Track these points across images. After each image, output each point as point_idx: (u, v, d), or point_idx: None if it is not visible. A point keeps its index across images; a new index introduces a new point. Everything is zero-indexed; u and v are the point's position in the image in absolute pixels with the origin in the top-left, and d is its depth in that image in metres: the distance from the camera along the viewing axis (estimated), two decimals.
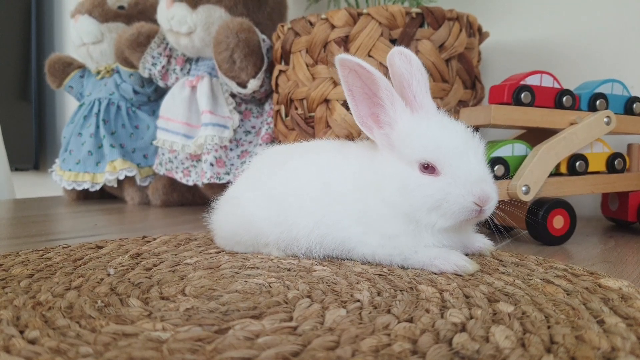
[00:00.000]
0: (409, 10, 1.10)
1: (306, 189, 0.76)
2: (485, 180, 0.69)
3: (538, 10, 1.39)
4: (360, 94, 0.74)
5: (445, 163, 0.68)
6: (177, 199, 1.66)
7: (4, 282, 0.64)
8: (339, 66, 0.73)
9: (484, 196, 0.67)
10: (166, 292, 0.59)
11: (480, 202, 0.68)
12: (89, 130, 1.78)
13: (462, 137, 0.71)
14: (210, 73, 1.54)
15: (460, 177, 0.68)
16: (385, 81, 0.72)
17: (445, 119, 0.73)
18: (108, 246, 0.87)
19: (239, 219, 0.81)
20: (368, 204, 0.73)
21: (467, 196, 0.67)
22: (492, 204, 0.69)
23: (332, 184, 0.76)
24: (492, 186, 0.70)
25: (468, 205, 0.68)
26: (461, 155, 0.69)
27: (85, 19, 1.80)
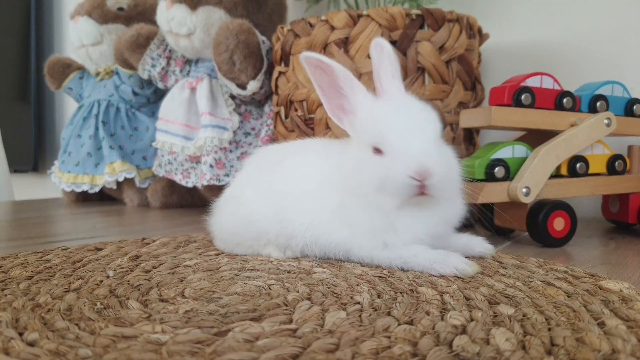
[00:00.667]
0: (408, 11, 1.10)
1: (301, 187, 0.78)
2: (426, 155, 0.67)
3: (538, 11, 1.39)
4: (328, 88, 0.76)
5: (388, 142, 0.69)
6: (177, 200, 1.66)
7: (3, 284, 0.64)
8: (305, 64, 0.75)
9: (422, 170, 0.66)
10: (165, 294, 0.59)
11: (418, 176, 0.66)
12: (88, 132, 1.78)
13: (407, 116, 0.71)
14: (210, 74, 1.54)
15: (399, 154, 0.68)
16: (344, 71, 0.74)
17: (402, 101, 0.74)
18: (107, 248, 0.87)
19: (239, 218, 0.81)
20: (343, 199, 0.74)
21: (405, 171, 0.66)
22: (434, 178, 0.66)
23: (305, 183, 0.78)
24: (435, 161, 0.67)
25: (407, 180, 0.66)
26: (403, 133, 0.69)
27: (84, 20, 1.80)
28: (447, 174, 0.69)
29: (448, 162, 0.71)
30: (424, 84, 1.10)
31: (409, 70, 1.09)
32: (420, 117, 0.71)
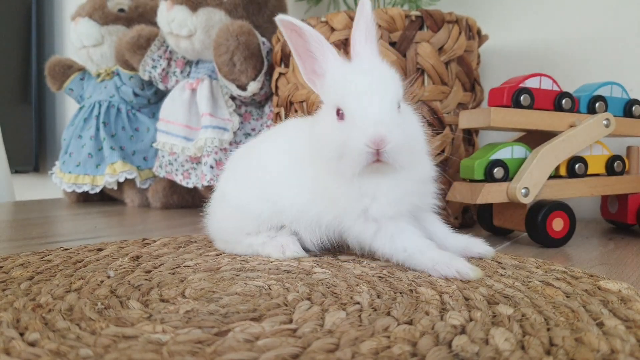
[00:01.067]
0: (408, 13, 1.10)
1: (275, 167, 0.81)
2: (381, 122, 0.66)
3: (537, 13, 1.40)
4: (303, 52, 0.77)
5: (348, 107, 0.69)
6: (177, 201, 1.66)
7: (4, 285, 0.64)
8: (282, 28, 0.76)
9: (377, 137, 0.65)
10: (166, 295, 0.59)
11: (373, 144, 0.65)
12: (89, 133, 1.78)
13: (367, 81, 0.70)
14: (210, 75, 1.55)
15: (356, 120, 0.68)
16: (314, 34, 0.75)
17: (367, 65, 0.74)
18: (108, 248, 0.87)
19: (230, 210, 0.83)
20: (316, 171, 0.75)
21: (361, 138, 0.66)
22: (389, 146, 0.66)
23: (278, 162, 0.80)
24: (390, 128, 0.66)
25: (362, 147, 0.66)
26: (362, 98, 0.69)
27: (85, 21, 1.80)
28: (405, 141, 0.68)
29: (407, 129, 0.70)
30: (423, 85, 1.11)
31: (409, 71, 1.10)
32: (381, 81, 0.70)
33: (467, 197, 0.96)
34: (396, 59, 1.08)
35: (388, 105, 0.69)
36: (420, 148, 0.74)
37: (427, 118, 1.10)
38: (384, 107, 0.68)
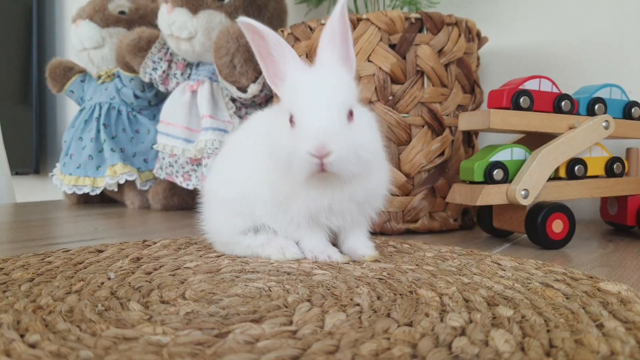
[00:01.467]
0: (408, 15, 1.10)
1: (237, 160, 0.84)
2: (325, 132, 0.66)
3: (536, 15, 1.40)
4: (266, 55, 0.77)
5: (297, 115, 0.70)
6: (177, 203, 1.67)
7: (5, 286, 0.64)
8: (245, 30, 0.76)
9: (320, 147, 0.65)
10: (166, 296, 0.59)
11: (316, 153, 0.66)
12: (89, 135, 1.79)
13: (319, 90, 0.70)
14: (211, 77, 1.55)
15: (303, 129, 0.68)
16: (275, 38, 0.75)
17: (322, 71, 0.74)
18: (108, 250, 0.87)
19: (219, 210, 0.85)
20: (268, 170, 0.77)
21: (305, 147, 0.66)
22: (332, 156, 0.66)
23: (238, 156, 0.84)
24: (334, 138, 0.66)
25: (306, 157, 0.66)
26: (310, 107, 0.69)
27: (86, 24, 1.81)
28: (352, 151, 0.68)
29: (357, 138, 0.69)
30: (423, 87, 1.11)
31: (408, 73, 1.10)
32: (330, 90, 0.70)
33: (466, 199, 0.96)
34: (396, 61, 1.09)
35: (335, 114, 0.68)
36: (373, 157, 0.73)
37: (427, 120, 1.10)
38: (330, 117, 0.68)
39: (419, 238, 1.06)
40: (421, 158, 1.10)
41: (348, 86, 0.72)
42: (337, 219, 0.76)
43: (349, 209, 0.75)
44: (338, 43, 0.75)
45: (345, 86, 0.72)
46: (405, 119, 1.10)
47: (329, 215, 0.75)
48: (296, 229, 0.79)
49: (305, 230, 0.79)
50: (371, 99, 1.09)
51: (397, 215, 1.12)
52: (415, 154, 1.10)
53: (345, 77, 0.74)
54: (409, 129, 1.10)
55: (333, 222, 0.77)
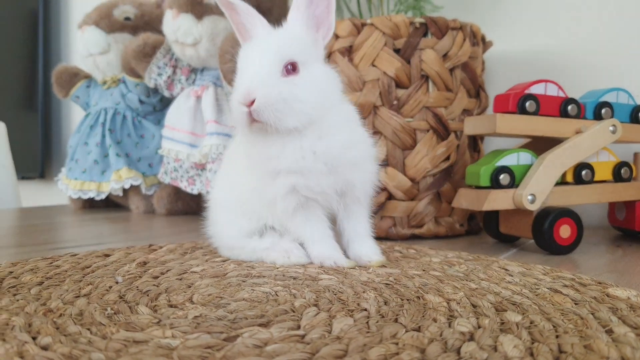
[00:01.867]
0: (412, 20, 1.11)
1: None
2: (251, 81, 0.69)
3: (542, 19, 1.40)
4: (242, 28, 0.80)
5: (238, 70, 0.74)
6: (182, 207, 1.67)
7: (15, 289, 0.64)
8: (222, 7, 0.79)
9: (244, 94, 0.68)
10: (174, 300, 0.59)
11: (242, 102, 0.68)
12: (95, 140, 1.79)
13: (258, 45, 0.73)
14: (215, 83, 1.56)
15: (237, 81, 0.72)
16: (243, 5, 0.78)
17: (276, 30, 0.77)
18: (115, 254, 0.88)
19: (224, 212, 0.85)
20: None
21: (235, 97, 0.70)
22: (255, 104, 0.68)
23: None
24: (259, 86, 0.68)
25: (236, 106, 0.69)
26: (246, 62, 0.72)
27: (92, 30, 1.82)
28: (280, 100, 0.69)
29: (290, 89, 0.70)
30: (427, 92, 1.11)
31: (413, 77, 1.10)
32: (266, 45, 0.73)
33: (472, 204, 0.96)
34: (400, 65, 1.09)
35: (266, 66, 0.70)
36: (310, 109, 0.72)
37: (432, 124, 1.10)
38: (261, 67, 0.70)
39: (425, 243, 1.06)
40: (426, 163, 1.10)
41: (293, 40, 0.74)
42: (314, 183, 0.74)
43: (318, 169, 0.73)
44: (302, 5, 0.76)
45: (288, 40, 0.74)
46: (410, 124, 1.10)
47: (305, 180, 0.73)
48: (291, 220, 0.78)
49: (301, 220, 0.77)
50: (375, 104, 1.10)
51: (402, 220, 1.11)
52: (421, 159, 1.10)
53: (296, 32, 0.75)
54: (413, 133, 1.10)
55: (314, 191, 0.74)
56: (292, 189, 0.74)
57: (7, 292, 0.63)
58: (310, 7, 0.76)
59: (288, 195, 0.75)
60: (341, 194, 0.77)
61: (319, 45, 0.78)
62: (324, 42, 0.79)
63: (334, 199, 0.77)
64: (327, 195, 0.76)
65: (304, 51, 0.74)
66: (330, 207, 0.78)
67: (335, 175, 0.75)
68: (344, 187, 0.76)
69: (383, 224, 1.11)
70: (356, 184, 0.77)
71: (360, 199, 0.80)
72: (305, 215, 0.77)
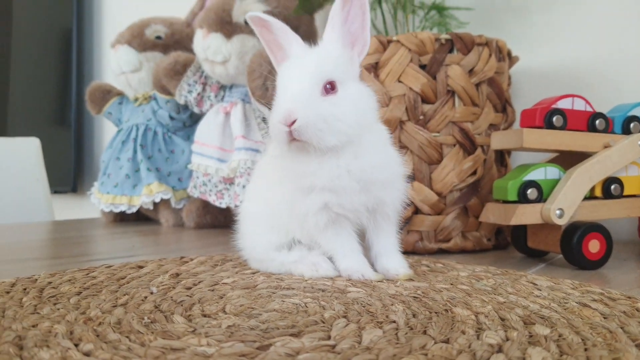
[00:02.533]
0: (438, 36, 1.12)
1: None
2: (291, 101, 0.70)
3: (567, 34, 1.40)
4: (274, 45, 0.81)
5: (278, 89, 0.74)
6: (210, 221, 1.70)
7: (55, 299, 0.67)
8: (253, 25, 0.81)
9: (285, 114, 0.69)
10: (207, 310, 0.61)
11: (283, 121, 0.69)
12: (126, 155, 1.85)
13: (297, 63, 0.74)
14: (244, 99, 1.59)
15: (277, 101, 0.73)
16: (280, 25, 0.79)
17: (315, 48, 0.78)
18: (148, 266, 0.90)
19: (254, 225, 0.87)
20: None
21: (275, 117, 0.71)
22: (297, 124, 0.69)
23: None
24: (300, 105, 0.69)
25: (277, 126, 0.70)
26: (286, 80, 0.73)
27: (124, 48, 1.88)
28: (321, 119, 0.70)
29: (330, 109, 0.72)
30: (454, 107, 1.12)
31: (439, 93, 1.11)
32: (307, 63, 0.74)
33: (500, 218, 0.96)
34: (426, 81, 1.10)
35: (306, 85, 0.72)
36: (349, 128, 0.73)
37: (459, 139, 1.11)
38: (301, 86, 0.71)
39: (452, 258, 1.06)
40: (453, 177, 1.11)
41: (331, 59, 0.75)
42: (347, 201, 0.75)
43: (352, 187, 0.75)
44: (338, 24, 0.78)
45: (326, 59, 0.75)
46: (437, 138, 1.11)
47: (338, 198, 0.75)
48: (322, 234, 0.79)
49: (331, 234, 0.79)
50: (402, 119, 1.11)
51: (429, 234, 1.12)
52: (447, 173, 1.11)
53: (333, 51, 0.77)
54: (440, 148, 1.11)
55: (346, 209, 0.76)
56: (325, 206, 0.76)
57: (47, 302, 0.66)
58: (346, 24, 0.78)
59: (320, 211, 0.76)
60: (372, 211, 0.79)
61: (355, 62, 0.79)
62: (360, 59, 0.80)
63: (364, 215, 0.78)
64: (358, 212, 0.77)
65: (342, 70, 0.76)
66: (360, 222, 0.80)
67: (367, 193, 0.76)
68: (375, 204, 0.78)
69: (410, 238, 1.11)
70: (387, 202, 0.79)
71: (389, 216, 0.81)
72: (336, 230, 0.79)
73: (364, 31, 0.79)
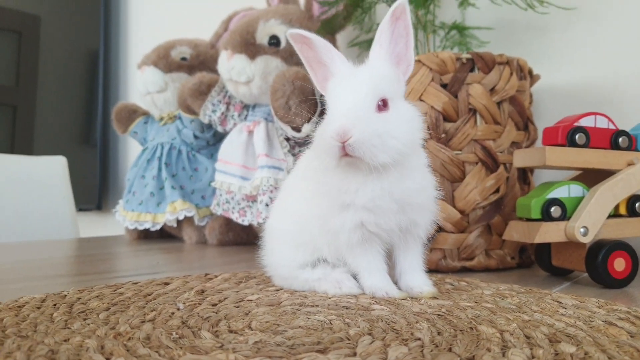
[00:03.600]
0: (459, 56, 1.13)
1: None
2: (347, 116, 0.70)
3: (588, 51, 1.40)
4: (314, 62, 0.82)
5: (329, 104, 0.75)
6: (233, 238, 1.72)
7: (85, 315, 0.69)
8: (292, 42, 0.81)
9: (340, 130, 0.69)
10: (234, 326, 0.62)
11: (337, 136, 0.69)
12: (151, 173, 1.89)
13: (350, 79, 0.75)
14: (266, 118, 1.62)
15: (330, 115, 0.73)
16: (324, 44, 0.80)
17: (364, 65, 0.78)
18: (174, 283, 0.92)
19: (279, 243, 0.88)
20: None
21: (328, 132, 0.70)
22: (352, 139, 0.69)
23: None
24: (356, 121, 0.69)
25: (329, 140, 0.70)
26: (339, 95, 0.73)
27: (151, 69, 1.93)
28: (375, 135, 0.70)
29: (384, 126, 0.72)
30: (475, 125, 1.12)
31: (461, 111, 1.12)
32: (360, 79, 0.74)
33: (524, 236, 0.95)
34: (448, 99, 1.11)
35: (361, 101, 0.72)
36: (403, 147, 0.74)
37: (481, 157, 1.11)
38: (356, 102, 0.72)
39: (476, 276, 1.05)
40: (476, 195, 1.11)
41: (383, 77, 0.76)
42: (383, 221, 0.76)
43: (390, 208, 0.76)
44: (385, 43, 0.79)
45: (379, 77, 0.76)
46: (459, 156, 1.11)
47: (376, 217, 0.76)
48: (350, 251, 0.80)
49: (359, 251, 0.79)
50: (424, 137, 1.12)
51: (452, 252, 1.12)
52: (470, 191, 1.11)
53: (383, 69, 0.78)
54: (462, 166, 1.11)
55: (381, 228, 0.77)
56: (361, 224, 0.77)
57: (77, 317, 0.68)
58: (390, 44, 0.79)
59: (355, 228, 0.77)
60: (404, 231, 0.80)
61: (401, 81, 0.80)
62: (405, 78, 0.81)
63: (396, 235, 0.79)
64: (392, 232, 0.78)
65: (392, 88, 0.77)
66: (390, 241, 0.81)
67: (403, 215, 0.77)
68: (408, 225, 0.79)
69: (433, 256, 1.11)
70: (420, 224, 0.80)
71: (420, 236, 0.82)
72: (364, 248, 0.79)
73: (408, 51, 0.80)
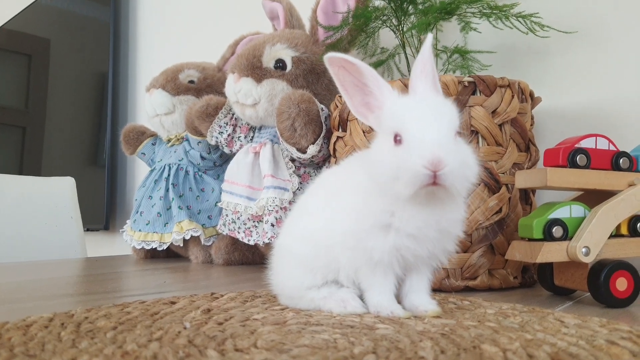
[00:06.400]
0: (461, 79, 1.15)
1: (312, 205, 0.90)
2: (439, 145, 0.69)
3: (589, 74, 1.42)
4: (351, 87, 0.81)
5: (407, 132, 0.72)
6: (238, 257, 1.73)
7: (92, 334, 0.70)
8: (329, 65, 0.81)
9: (434, 159, 0.68)
10: (240, 345, 0.63)
11: (430, 166, 0.68)
12: (159, 194, 1.91)
13: (428, 108, 0.75)
14: (272, 140, 1.65)
15: (415, 143, 0.71)
16: (370, 70, 0.80)
17: (424, 96, 0.79)
18: (180, 302, 0.93)
19: (287, 264, 0.89)
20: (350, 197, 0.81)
21: (419, 161, 0.69)
22: (446, 169, 0.69)
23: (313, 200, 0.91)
24: (447, 151, 0.69)
25: (419, 169, 0.69)
26: (422, 123, 0.72)
27: (159, 92, 1.97)
28: (461, 167, 0.71)
29: (464, 158, 0.73)
30: (478, 146, 1.14)
31: (463, 133, 1.14)
32: (439, 109, 0.75)
33: (526, 256, 0.96)
34: None
35: (446, 131, 0.73)
36: (474, 180, 0.75)
37: (483, 178, 1.13)
38: (442, 132, 0.72)
39: (479, 295, 1.06)
40: (478, 215, 1.12)
41: (452, 109, 0.77)
42: (421, 249, 0.77)
43: (433, 238, 0.77)
44: (430, 73, 0.81)
45: (451, 108, 0.77)
46: None
47: (417, 245, 0.76)
48: (371, 273, 0.80)
49: (380, 272, 0.79)
50: None
51: (455, 272, 1.12)
52: (472, 211, 1.12)
53: (448, 101, 0.78)
54: None
55: (416, 254, 0.77)
56: (398, 248, 0.77)
57: (85, 336, 0.69)
58: (426, 75, 0.81)
59: (392, 251, 0.77)
60: (430, 258, 0.81)
61: None
62: None
63: (422, 260, 0.80)
64: (421, 258, 0.79)
65: (457, 121, 0.77)
66: (413, 264, 0.81)
67: (438, 243, 0.79)
68: (438, 253, 0.80)
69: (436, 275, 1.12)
70: (450, 250, 0.82)
71: (441, 261, 0.83)
72: (387, 269, 0.79)
73: (436, 82, 0.82)
